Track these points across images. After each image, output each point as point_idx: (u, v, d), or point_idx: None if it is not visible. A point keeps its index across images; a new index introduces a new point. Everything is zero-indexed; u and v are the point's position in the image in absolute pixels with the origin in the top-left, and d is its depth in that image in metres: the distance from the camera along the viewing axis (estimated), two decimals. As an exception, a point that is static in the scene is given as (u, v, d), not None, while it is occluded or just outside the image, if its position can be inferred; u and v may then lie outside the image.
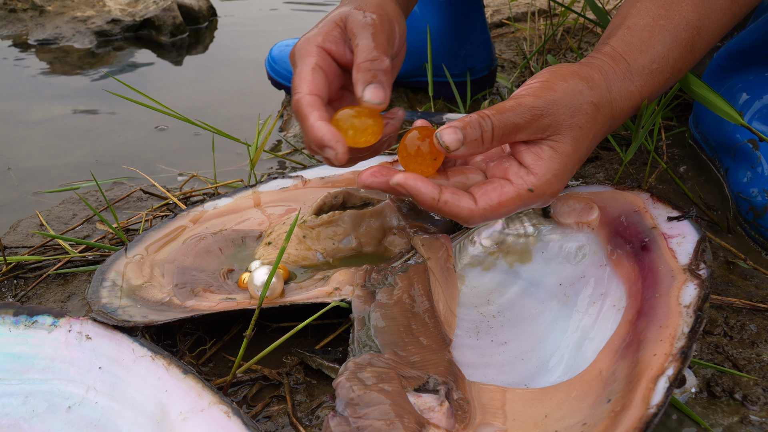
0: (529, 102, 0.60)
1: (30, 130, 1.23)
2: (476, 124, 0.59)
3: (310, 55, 0.67)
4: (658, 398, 0.49)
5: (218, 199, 0.84)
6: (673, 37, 0.65)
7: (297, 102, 0.64)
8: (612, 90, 0.64)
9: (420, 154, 0.61)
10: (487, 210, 0.60)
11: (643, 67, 0.65)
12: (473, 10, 1.14)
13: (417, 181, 0.59)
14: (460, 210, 0.60)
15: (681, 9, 0.65)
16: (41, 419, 0.57)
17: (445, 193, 0.60)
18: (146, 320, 0.62)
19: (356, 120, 0.63)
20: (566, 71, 0.63)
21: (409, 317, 0.62)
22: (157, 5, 1.65)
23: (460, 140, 0.59)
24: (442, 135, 0.59)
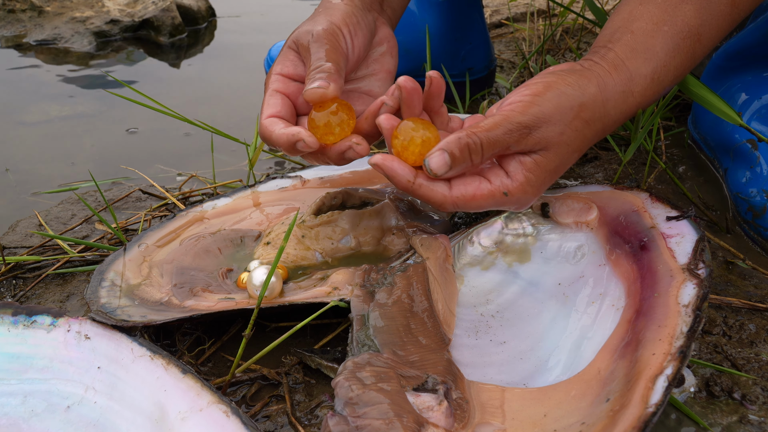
0: (519, 120, 0.59)
1: (28, 130, 1.23)
2: (465, 149, 0.59)
3: (270, 83, 0.72)
4: (656, 397, 0.49)
5: (217, 199, 0.84)
6: (675, 44, 0.65)
7: (260, 128, 0.69)
8: (607, 104, 0.63)
9: (413, 143, 0.62)
10: (460, 199, 0.61)
11: (644, 77, 0.64)
12: (472, 10, 1.14)
13: (394, 162, 0.61)
14: (434, 194, 0.61)
15: (684, 14, 0.64)
16: (40, 419, 0.57)
17: (420, 177, 0.61)
18: (145, 320, 0.62)
19: (330, 116, 0.65)
20: (562, 83, 0.61)
21: (408, 317, 0.62)
22: (156, 6, 1.65)
23: (448, 164, 0.59)
24: (430, 162, 0.59)
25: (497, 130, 0.59)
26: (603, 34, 0.68)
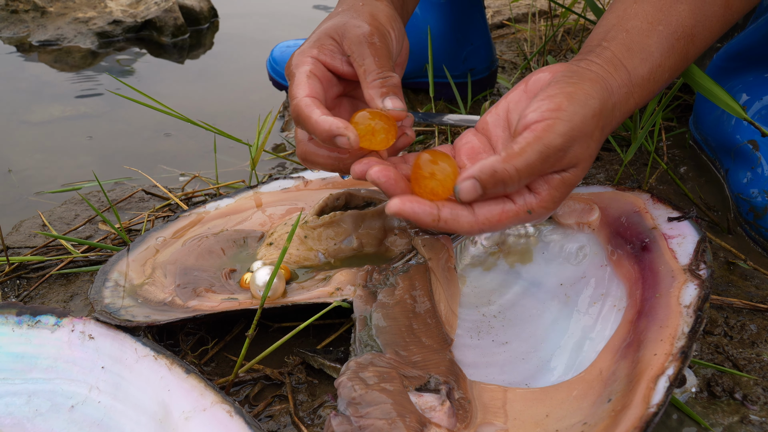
0: (555, 143, 0.57)
1: (32, 130, 1.23)
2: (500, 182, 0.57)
3: (305, 64, 0.68)
4: (658, 398, 0.49)
5: (220, 200, 0.84)
6: (670, 45, 0.64)
7: (296, 105, 0.65)
8: (615, 108, 0.63)
9: (434, 176, 0.60)
10: (486, 224, 0.59)
11: (642, 77, 0.64)
12: (474, 11, 1.14)
13: (413, 204, 0.57)
14: (460, 225, 0.58)
15: (678, 14, 0.64)
16: (44, 418, 0.58)
17: (443, 210, 0.58)
18: (149, 320, 0.62)
19: (373, 121, 0.63)
20: (581, 93, 0.60)
21: (410, 317, 0.63)
22: (159, 6, 1.65)
23: (478, 193, 0.57)
24: (460, 191, 0.57)
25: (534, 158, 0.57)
26: (597, 31, 0.67)
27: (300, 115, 0.64)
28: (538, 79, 0.65)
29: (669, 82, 0.67)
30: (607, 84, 0.62)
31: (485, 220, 0.59)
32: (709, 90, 0.73)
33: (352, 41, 0.68)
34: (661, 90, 0.67)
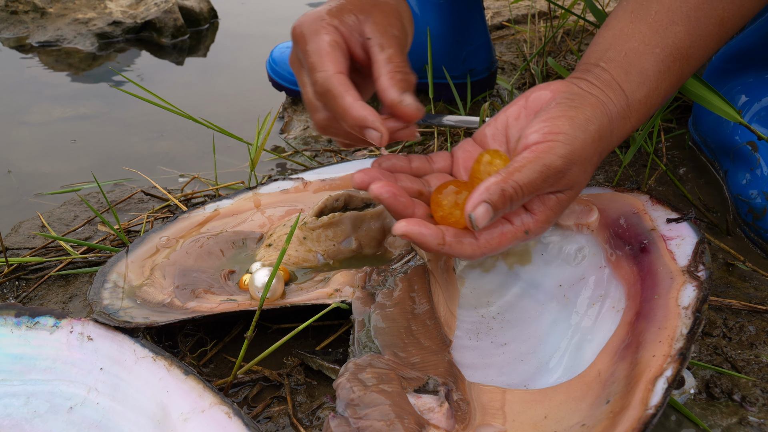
0: (555, 165, 0.58)
1: (31, 131, 1.23)
2: (506, 198, 0.57)
3: (326, 32, 0.65)
4: (656, 399, 0.49)
5: (219, 201, 0.84)
6: (666, 67, 0.64)
7: (326, 80, 0.63)
8: (613, 132, 0.63)
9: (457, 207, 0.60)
10: (487, 247, 0.59)
11: (639, 101, 0.64)
12: (473, 12, 1.14)
13: (422, 228, 0.57)
14: (463, 250, 0.59)
15: (674, 35, 0.64)
16: (43, 420, 0.58)
17: (448, 236, 0.58)
18: (147, 321, 0.62)
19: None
20: (582, 117, 0.60)
21: (409, 318, 0.63)
22: (158, 7, 1.65)
23: (491, 216, 0.57)
24: (476, 218, 0.56)
25: (535, 176, 0.57)
26: (594, 48, 0.67)
27: (329, 93, 0.63)
28: (539, 96, 0.65)
29: (664, 102, 0.67)
30: (606, 109, 0.62)
31: (486, 243, 0.59)
32: (703, 98, 0.74)
33: (376, 25, 0.66)
34: (656, 111, 0.67)
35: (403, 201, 0.59)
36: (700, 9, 0.64)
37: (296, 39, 0.67)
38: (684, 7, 0.64)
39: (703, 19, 0.64)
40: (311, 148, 1.11)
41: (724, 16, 0.64)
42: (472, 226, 0.56)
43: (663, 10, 0.64)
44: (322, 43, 0.65)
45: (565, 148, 0.58)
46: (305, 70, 0.67)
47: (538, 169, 0.57)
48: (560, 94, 0.63)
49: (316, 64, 0.64)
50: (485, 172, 0.61)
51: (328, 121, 0.67)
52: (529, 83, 1.27)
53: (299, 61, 0.69)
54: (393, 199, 0.59)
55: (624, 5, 0.67)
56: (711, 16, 0.64)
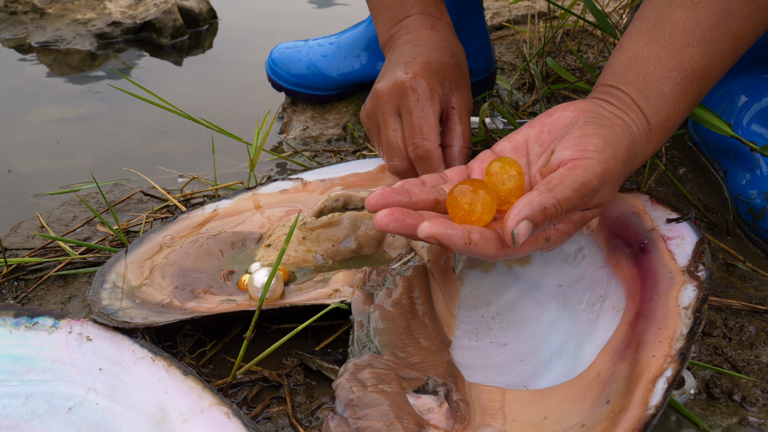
0: (590, 182, 0.58)
1: (30, 131, 1.23)
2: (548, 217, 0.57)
3: (435, 101, 0.77)
4: (656, 399, 0.49)
5: (218, 201, 0.84)
6: (684, 90, 0.64)
7: (430, 152, 0.76)
8: (637, 156, 0.64)
9: (474, 205, 0.59)
10: (510, 252, 0.59)
11: (659, 124, 0.64)
12: (473, 12, 1.14)
13: (449, 229, 0.56)
14: (488, 251, 0.58)
15: (690, 57, 0.64)
16: (42, 420, 0.58)
17: (473, 234, 0.57)
18: (146, 322, 0.62)
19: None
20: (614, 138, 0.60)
21: (408, 319, 0.62)
22: (158, 8, 1.65)
23: (531, 233, 0.56)
24: (518, 235, 0.55)
25: (573, 194, 0.57)
26: (611, 71, 0.67)
27: (429, 162, 0.76)
28: (562, 116, 0.65)
29: (681, 123, 0.67)
30: (631, 131, 0.62)
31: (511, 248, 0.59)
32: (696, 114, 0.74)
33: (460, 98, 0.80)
34: (674, 131, 0.68)
35: (410, 222, 0.58)
36: (714, 29, 0.63)
37: (406, 89, 0.78)
38: (698, 28, 0.63)
39: (717, 38, 0.64)
40: (310, 149, 1.11)
41: (739, 33, 0.64)
42: (512, 242, 0.55)
43: (677, 32, 0.64)
44: (430, 113, 0.77)
45: (601, 167, 0.58)
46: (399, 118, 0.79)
47: (576, 187, 0.57)
48: (586, 113, 0.63)
49: (425, 131, 0.76)
50: (497, 177, 0.61)
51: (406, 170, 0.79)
52: (528, 84, 1.27)
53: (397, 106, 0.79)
54: (400, 226, 0.58)
55: (638, 27, 0.66)
56: (725, 35, 0.63)
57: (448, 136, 0.79)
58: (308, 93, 1.21)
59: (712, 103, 0.94)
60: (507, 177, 0.61)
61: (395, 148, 0.78)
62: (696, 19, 0.63)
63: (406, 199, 0.61)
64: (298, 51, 1.20)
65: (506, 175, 0.61)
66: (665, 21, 0.64)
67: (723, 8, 0.63)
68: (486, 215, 0.59)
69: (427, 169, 0.75)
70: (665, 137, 0.66)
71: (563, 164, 0.59)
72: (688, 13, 0.64)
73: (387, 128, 0.79)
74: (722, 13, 0.63)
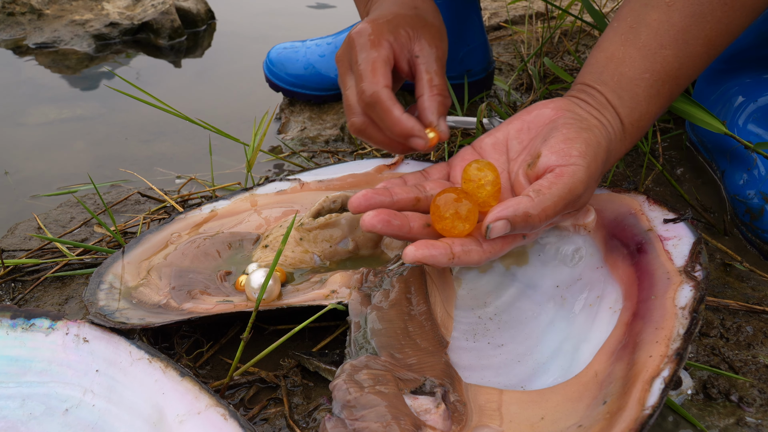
0: (576, 189, 0.60)
1: (28, 133, 1.23)
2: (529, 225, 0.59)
3: (382, 47, 0.70)
4: (653, 399, 0.49)
5: (216, 202, 0.84)
6: (656, 91, 0.66)
7: (376, 96, 0.67)
8: (612, 155, 0.66)
9: (458, 217, 0.61)
10: (491, 253, 0.62)
11: (632, 125, 0.66)
12: (470, 12, 1.14)
13: (431, 249, 0.58)
14: (471, 259, 0.60)
15: (663, 59, 0.65)
16: (38, 422, 0.57)
17: (455, 247, 0.60)
18: (143, 323, 0.62)
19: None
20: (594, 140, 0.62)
21: (405, 320, 0.62)
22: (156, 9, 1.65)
23: (507, 231, 0.59)
24: (492, 230, 0.58)
25: (559, 201, 0.59)
26: (588, 70, 0.68)
27: (378, 106, 0.67)
28: (541, 114, 0.66)
29: (653, 123, 0.70)
30: (607, 131, 0.64)
31: (490, 249, 0.61)
32: (687, 112, 0.75)
33: (425, 45, 0.72)
34: (647, 131, 0.70)
35: (397, 224, 0.61)
36: (687, 31, 0.65)
37: (351, 44, 0.72)
38: (671, 30, 0.65)
39: (690, 41, 0.65)
40: (308, 149, 1.11)
41: (712, 36, 0.65)
42: (485, 234, 0.58)
43: (652, 34, 0.65)
44: (375, 57, 0.69)
45: (585, 173, 0.60)
46: (352, 75, 0.72)
47: (563, 195, 0.60)
48: (566, 113, 0.65)
49: (366, 76, 0.69)
50: (475, 181, 0.63)
51: (364, 125, 0.71)
52: (526, 84, 1.27)
53: (348, 64, 0.73)
54: (387, 227, 0.61)
55: (615, 27, 0.68)
56: (698, 37, 0.65)
57: (418, 86, 0.71)
58: (306, 93, 1.21)
59: (709, 104, 0.94)
60: (485, 182, 0.62)
61: (350, 105, 0.71)
62: (670, 21, 0.65)
63: (387, 200, 0.63)
64: (295, 51, 1.20)
65: (483, 180, 0.63)
66: (641, 23, 0.66)
67: (696, 11, 0.64)
68: (469, 226, 0.61)
69: (382, 116, 0.67)
70: (638, 137, 0.68)
71: (550, 170, 0.61)
72: (663, 16, 0.65)
73: (344, 89, 0.73)
74: (695, 15, 0.64)
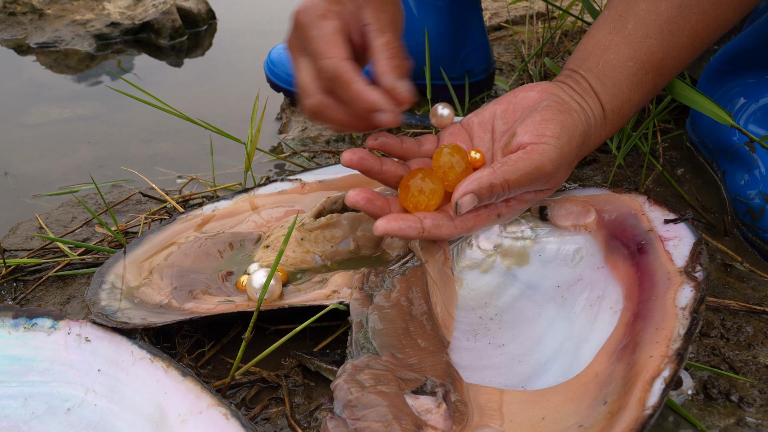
0: (544, 166, 0.63)
1: (29, 132, 1.23)
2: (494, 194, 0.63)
3: (330, 18, 0.66)
4: (653, 399, 0.49)
5: (217, 202, 0.84)
6: (639, 80, 0.67)
7: (336, 66, 0.64)
8: (590, 139, 0.68)
9: (423, 193, 0.65)
10: (463, 228, 0.65)
11: (613, 111, 0.68)
12: (471, 13, 1.14)
13: (399, 222, 0.62)
14: (442, 232, 0.64)
15: (647, 49, 0.66)
16: (40, 421, 0.58)
17: (426, 221, 0.64)
18: (145, 322, 0.62)
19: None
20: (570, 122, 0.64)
21: (406, 320, 0.63)
22: (157, 9, 1.65)
23: (475, 205, 0.63)
24: (461, 205, 0.62)
25: (524, 176, 0.62)
26: (576, 56, 0.70)
27: (339, 79, 0.64)
28: (527, 96, 0.69)
29: (638, 111, 0.71)
30: (587, 115, 0.66)
31: (462, 224, 0.65)
32: (695, 101, 0.75)
33: (374, 11, 0.68)
34: (631, 118, 0.71)
35: (378, 204, 0.65)
36: (673, 22, 0.66)
37: (298, 25, 0.68)
38: (657, 20, 0.66)
39: (676, 31, 0.66)
40: (309, 149, 1.11)
41: (697, 28, 0.66)
42: (456, 211, 0.62)
43: (638, 23, 0.67)
44: (327, 30, 0.66)
45: (556, 152, 0.63)
46: (306, 56, 0.68)
47: (529, 171, 0.62)
48: (548, 96, 0.67)
49: (323, 51, 0.65)
50: (445, 164, 0.67)
51: (320, 106, 0.68)
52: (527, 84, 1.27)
53: (299, 46, 0.69)
54: (368, 204, 0.65)
55: (606, 15, 0.69)
56: (684, 28, 0.66)
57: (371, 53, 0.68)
58: (307, 93, 1.21)
59: (710, 104, 0.94)
60: (454, 162, 0.66)
61: (305, 86, 0.68)
62: (656, 11, 0.66)
63: (377, 166, 0.67)
64: (296, 52, 1.20)
65: (452, 163, 0.66)
66: (629, 12, 0.67)
67: (683, 2, 0.65)
68: (433, 202, 0.66)
69: (346, 90, 0.64)
70: (620, 124, 0.70)
71: (522, 147, 0.64)
72: (650, 5, 0.66)
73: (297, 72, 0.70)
74: (682, 6, 0.65)
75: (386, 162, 0.68)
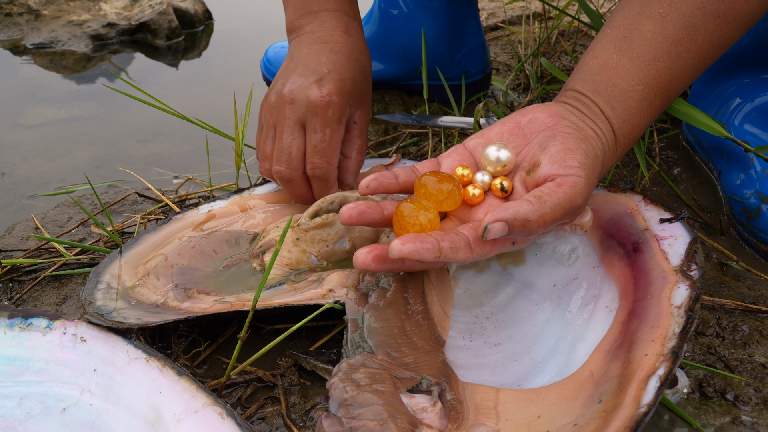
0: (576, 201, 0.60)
1: (25, 133, 1.23)
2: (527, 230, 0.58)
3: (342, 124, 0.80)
4: (648, 398, 0.49)
5: (213, 202, 0.84)
6: (648, 103, 0.66)
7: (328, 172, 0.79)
8: (605, 165, 0.65)
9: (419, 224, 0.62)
10: (478, 254, 0.61)
11: (623, 136, 0.66)
12: (468, 14, 1.14)
13: (417, 243, 0.57)
14: (458, 257, 0.59)
15: (656, 72, 0.65)
16: (36, 421, 0.58)
17: (443, 244, 0.58)
18: (140, 322, 0.62)
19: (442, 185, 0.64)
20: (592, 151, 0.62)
21: (402, 319, 0.63)
22: (153, 9, 1.65)
23: (504, 234, 0.58)
24: (489, 232, 0.57)
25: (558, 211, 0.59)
26: (580, 76, 0.67)
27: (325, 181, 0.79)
28: (536, 118, 0.66)
29: (642, 134, 0.70)
30: (602, 142, 0.64)
31: (478, 250, 0.60)
32: (689, 114, 0.75)
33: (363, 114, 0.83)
34: (636, 142, 0.72)
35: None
36: (680, 44, 0.64)
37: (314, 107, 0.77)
38: (665, 42, 0.64)
39: (683, 53, 0.65)
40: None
41: (704, 49, 0.65)
42: (482, 235, 0.58)
43: (645, 45, 0.65)
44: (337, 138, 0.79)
45: (584, 184, 0.60)
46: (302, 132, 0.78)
47: (563, 204, 0.59)
48: (563, 121, 0.64)
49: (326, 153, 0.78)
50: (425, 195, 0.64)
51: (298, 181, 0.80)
52: (523, 84, 1.27)
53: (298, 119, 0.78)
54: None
55: (609, 34, 0.67)
56: (691, 49, 0.65)
57: (348, 147, 0.82)
58: (303, 94, 1.21)
59: (706, 103, 0.94)
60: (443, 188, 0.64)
61: (289, 157, 0.78)
62: (664, 33, 0.64)
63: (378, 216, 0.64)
64: (293, 52, 1.20)
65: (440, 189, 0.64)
66: (634, 32, 0.65)
67: (690, 23, 0.64)
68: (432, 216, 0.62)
69: (322, 188, 0.79)
70: (627, 148, 0.68)
71: (551, 179, 0.60)
72: (657, 27, 0.64)
73: (284, 134, 0.78)
74: (689, 27, 0.64)
75: (387, 206, 0.65)
